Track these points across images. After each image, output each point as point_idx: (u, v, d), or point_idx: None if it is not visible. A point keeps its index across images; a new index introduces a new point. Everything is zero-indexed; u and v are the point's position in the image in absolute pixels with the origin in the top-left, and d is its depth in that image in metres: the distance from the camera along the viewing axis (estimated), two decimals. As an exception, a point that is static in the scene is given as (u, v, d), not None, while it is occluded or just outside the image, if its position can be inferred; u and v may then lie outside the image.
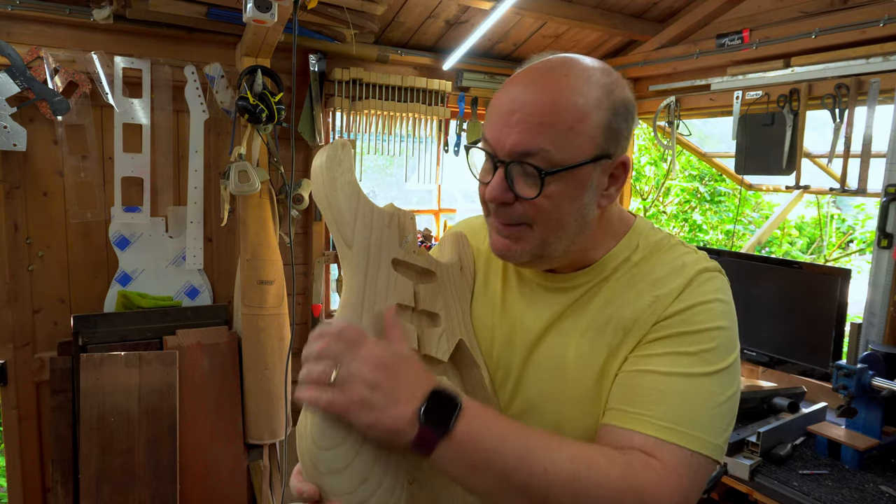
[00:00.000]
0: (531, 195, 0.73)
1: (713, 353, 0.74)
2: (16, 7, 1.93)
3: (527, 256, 0.78)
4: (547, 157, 0.72)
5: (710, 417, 0.72)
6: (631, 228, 0.85)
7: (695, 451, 0.70)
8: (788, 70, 2.31)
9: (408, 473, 0.72)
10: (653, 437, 0.70)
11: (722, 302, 0.77)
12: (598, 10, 2.65)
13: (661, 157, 5.31)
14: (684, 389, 0.72)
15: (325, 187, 0.77)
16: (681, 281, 0.78)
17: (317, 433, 0.68)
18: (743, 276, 2.31)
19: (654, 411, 0.71)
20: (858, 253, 5.29)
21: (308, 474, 0.69)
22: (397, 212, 0.82)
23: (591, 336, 0.80)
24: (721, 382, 0.74)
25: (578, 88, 0.72)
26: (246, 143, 2.17)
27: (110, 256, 2.23)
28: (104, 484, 2.00)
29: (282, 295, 2.30)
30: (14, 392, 2.08)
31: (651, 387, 0.73)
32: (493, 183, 0.75)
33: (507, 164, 0.73)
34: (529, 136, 0.71)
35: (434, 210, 3.12)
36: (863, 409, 1.81)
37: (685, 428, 0.70)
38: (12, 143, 1.95)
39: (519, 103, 0.73)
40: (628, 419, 0.72)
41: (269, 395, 2.25)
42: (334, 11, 2.25)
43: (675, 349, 0.74)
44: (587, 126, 0.72)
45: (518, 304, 0.87)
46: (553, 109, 0.71)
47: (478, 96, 2.79)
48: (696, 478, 0.71)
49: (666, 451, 0.69)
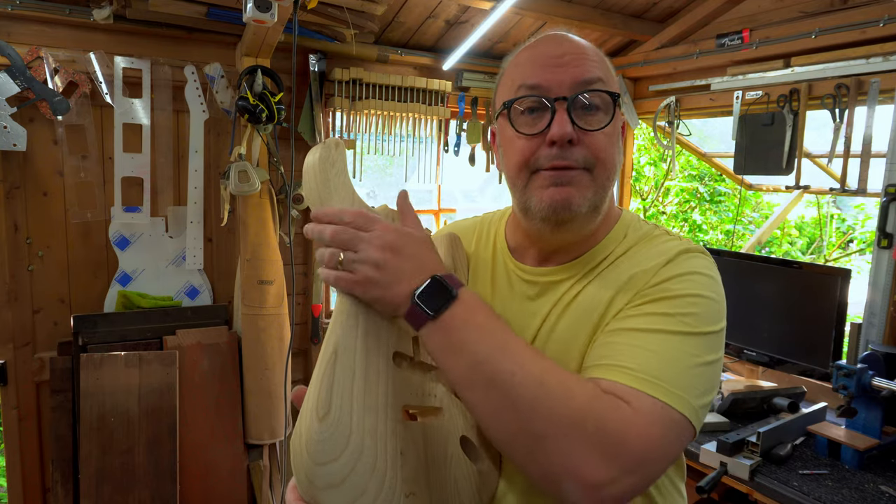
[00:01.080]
0: (600, 125, 0.77)
1: (693, 318, 0.72)
2: (16, 7, 1.93)
3: (587, 206, 0.78)
4: (604, 87, 0.78)
5: (688, 377, 0.70)
6: (619, 220, 0.87)
7: (669, 405, 0.67)
8: (788, 70, 2.31)
9: (405, 486, 0.71)
10: (628, 386, 0.67)
11: (703, 275, 0.77)
12: (598, 10, 2.65)
13: (661, 157, 5.31)
14: (662, 345, 0.71)
15: (317, 189, 0.76)
16: (663, 259, 0.78)
17: (313, 447, 0.67)
18: (743, 276, 2.31)
19: (630, 363, 0.69)
20: (858, 253, 5.29)
21: (304, 490, 0.68)
22: (391, 213, 0.81)
23: (577, 327, 0.80)
24: (700, 345, 0.72)
25: (595, 47, 0.83)
26: (246, 143, 2.17)
27: (110, 256, 2.23)
28: (104, 484, 2.00)
29: (282, 295, 2.30)
30: (14, 392, 2.08)
31: (628, 342, 0.72)
32: (559, 120, 0.76)
33: (571, 99, 0.77)
34: (587, 69, 0.78)
35: (434, 210, 3.12)
36: (863, 409, 1.81)
37: (661, 382, 0.68)
38: (12, 143, 1.95)
39: (561, 49, 0.79)
40: (603, 370, 0.71)
41: (269, 395, 2.25)
42: (334, 11, 2.25)
43: (653, 311, 0.74)
44: (614, 75, 0.82)
45: (510, 305, 0.87)
46: (591, 52, 0.80)
47: (478, 96, 2.79)
48: (669, 434, 0.67)
49: (641, 400, 0.66)
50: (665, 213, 6.02)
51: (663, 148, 2.93)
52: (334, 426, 0.68)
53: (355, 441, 0.68)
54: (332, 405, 0.68)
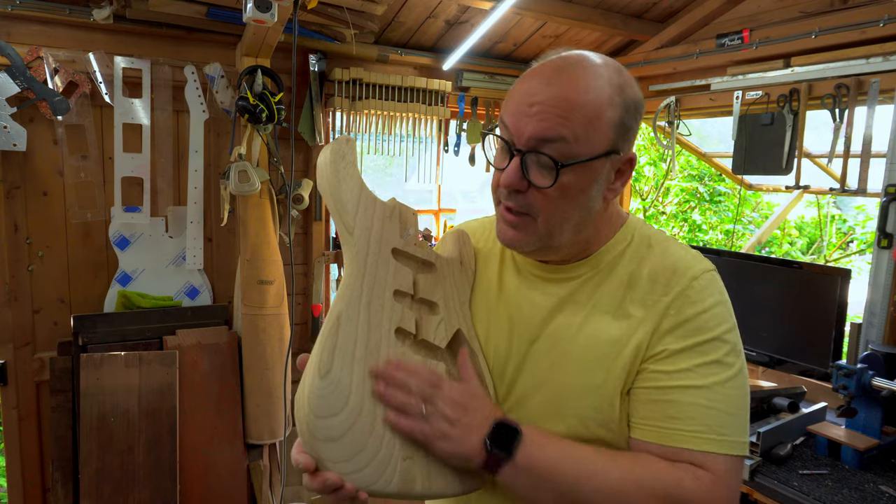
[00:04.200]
0: (545, 185, 0.76)
1: (731, 355, 0.79)
2: (16, 7, 1.93)
3: (533, 246, 0.82)
4: (564, 148, 0.75)
5: (742, 418, 0.78)
6: (625, 223, 0.88)
7: (737, 456, 0.76)
8: (788, 70, 2.31)
9: (402, 450, 0.75)
10: (701, 452, 0.75)
11: (724, 303, 0.82)
12: (598, 10, 2.65)
13: (661, 157, 5.31)
14: (720, 399, 0.77)
15: (328, 178, 0.80)
16: (683, 283, 0.80)
17: (314, 401, 0.71)
18: (743, 276, 2.31)
19: (697, 426, 0.76)
20: (858, 253, 5.29)
21: (305, 441, 0.72)
22: (399, 205, 0.85)
23: (589, 327, 0.82)
24: (742, 381, 0.79)
25: (594, 86, 0.75)
26: (246, 143, 2.17)
27: (110, 256, 2.23)
28: (104, 484, 2.00)
29: (282, 295, 2.30)
30: (14, 392, 2.08)
31: (689, 401, 0.77)
32: (509, 170, 0.78)
33: (524, 154, 0.76)
34: (548, 126, 0.74)
35: (434, 210, 3.12)
36: (863, 409, 1.81)
37: (729, 435, 0.76)
38: (12, 143, 1.95)
39: (540, 95, 0.75)
40: (672, 436, 0.77)
41: (269, 395, 2.25)
42: (334, 11, 2.25)
43: (701, 360, 0.78)
44: (602, 122, 0.75)
45: (516, 297, 0.89)
46: (572, 104, 0.74)
47: (478, 96, 2.79)
48: (739, 479, 0.78)
49: (715, 462, 0.75)
50: (665, 213, 6.01)
51: (663, 148, 2.93)
52: (334, 384, 0.73)
53: (354, 401, 0.73)
54: (334, 366, 0.73)
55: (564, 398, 0.82)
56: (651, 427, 0.78)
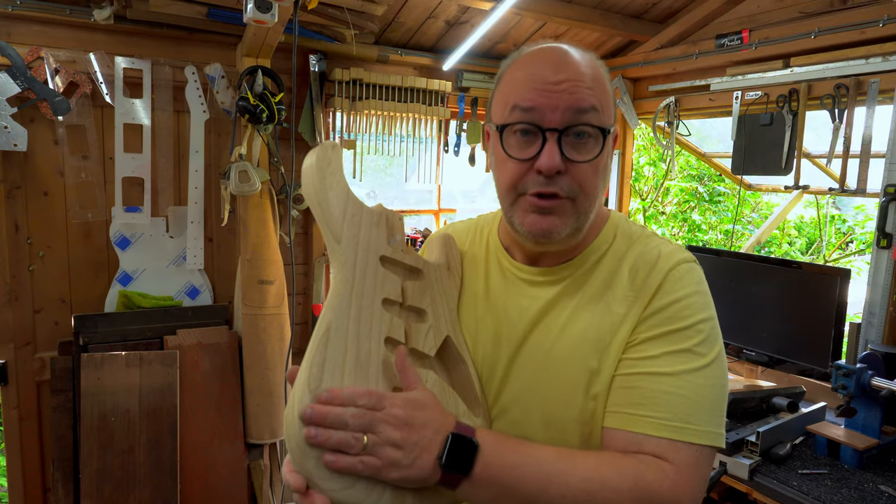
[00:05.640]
0: (589, 157, 0.77)
1: (703, 345, 0.77)
2: (16, 7, 1.93)
3: (567, 231, 0.80)
4: (596, 117, 0.77)
5: (712, 409, 0.76)
6: (608, 221, 0.89)
7: (705, 446, 0.74)
8: (788, 70, 2.31)
9: None
10: (665, 439, 0.73)
11: (701, 293, 0.81)
12: (597, 10, 2.65)
13: (661, 157, 5.32)
14: (687, 386, 0.75)
15: (314, 186, 0.79)
16: (659, 274, 0.80)
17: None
18: (742, 276, 2.32)
19: (661, 412, 0.74)
20: (858, 253, 5.29)
21: (295, 459, 0.70)
22: (386, 212, 0.84)
23: (575, 329, 0.82)
24: (716, 371, 0.77)
25: (595, 64, 0.80)
26: (246, 144, 2.17)
27: (111, 256, 2.23)
28: (105, 483, 2.01)
29: (282, 295, 2.30)
30: (15, 392, 2.08)
31: (655, 388, 0.75)
32: (548, 151, 0.76)
33: (562, 131, 0.76)
34: (582, 97, 0.76)
35: (434, 210, 3.12)
36: (862, 409, 1.82)
37: (694, 424, 0.74)
38: (13, 144, 1.95)
39: (560, 74, 0.77)
40: (636, 422, 0.75)
41: (269, 395, 2.25)
42: (334, 12, 2.25)
43: (670, 348, 0.77)
44: (610, 96, 0.81)
45: (503, 302, 0.88)
46: (591, 78, 0.78)
47: (478, 96, 2.80)
48: (706, 470, 0.76)
49: (678, 452, 0.73)
50: (664, 213, 6.02)
51: (663, 148, 2.93)
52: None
53: None
54: (324, 380, 0.71)
55: (549, 402, 0.81)
56: (617, 413, 0.77)
